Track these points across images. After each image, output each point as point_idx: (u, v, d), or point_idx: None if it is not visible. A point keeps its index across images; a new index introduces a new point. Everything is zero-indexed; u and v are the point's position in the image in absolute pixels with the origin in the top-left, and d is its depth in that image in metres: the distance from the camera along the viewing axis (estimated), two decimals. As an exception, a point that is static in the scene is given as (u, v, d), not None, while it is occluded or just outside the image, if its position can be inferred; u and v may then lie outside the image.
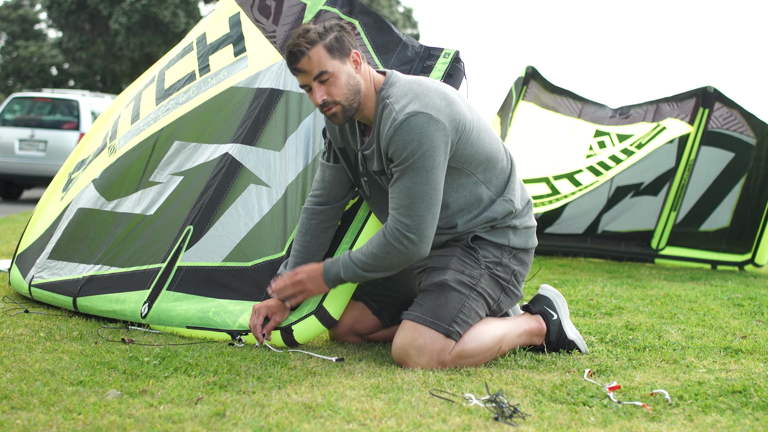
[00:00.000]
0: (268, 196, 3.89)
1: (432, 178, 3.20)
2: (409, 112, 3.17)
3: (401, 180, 3.21)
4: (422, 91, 3.26)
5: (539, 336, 3.60)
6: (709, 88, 7.55)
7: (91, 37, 33.44)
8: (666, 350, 3.70)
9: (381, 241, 3.27)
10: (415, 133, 3.16)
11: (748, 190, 7.55)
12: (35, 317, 3.98)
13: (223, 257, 3.82)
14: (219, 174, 3.97)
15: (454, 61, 3.77)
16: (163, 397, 2.73)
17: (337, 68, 3.25)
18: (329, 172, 3.60)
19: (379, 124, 3.28)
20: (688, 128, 7.53)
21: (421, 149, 3.16)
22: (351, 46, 3.29)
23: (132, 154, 4.43)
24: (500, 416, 2.61)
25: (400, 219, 3.22)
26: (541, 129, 7.87)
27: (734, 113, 7.56)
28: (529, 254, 3.58)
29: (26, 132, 13.98)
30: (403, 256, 3.26)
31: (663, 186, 7.90)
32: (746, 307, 5.06)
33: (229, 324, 3.60)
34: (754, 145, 7.51)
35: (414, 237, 3.22)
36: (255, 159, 3.96)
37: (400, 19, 38.69)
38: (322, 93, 3.26)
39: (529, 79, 8.11)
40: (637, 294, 5.54)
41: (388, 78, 3.35)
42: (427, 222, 3.23)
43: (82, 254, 4.23)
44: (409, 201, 3.20)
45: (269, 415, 2.57)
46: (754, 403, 2.85)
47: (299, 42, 3.23)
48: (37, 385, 2.79)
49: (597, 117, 7.85)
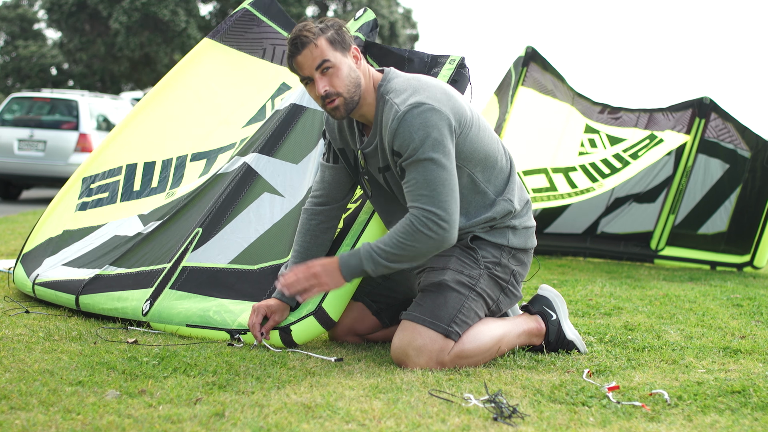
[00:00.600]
0: (281, 205, 3.93)
1: (447, 163, 3.18)
2: (412, 104, 3.18)
3: (415, 171, 3.18)
4: (422, 85, 3.27)
5: (538, 336, 3.60)
6: (705, 99, 7.58)
7: (91, 38, 33.42)
8: (665, 350, 3.70)
9: (409, 230, 3.20)
10: (419, 123, 3.15)
11: (744, 198, 7.57)
12: (34, 317, 3.98)
13: (229, 260, 3.84)
14: (234, 180, 4.03)
15: (459, 67, 3.79)
16: (162, 397, 2.73)
17: (339, 59, 3.25)
18: (329, 173, 3.60)
19: (380, 120, 3.28)
20: (685, 137, 7.55)
21: (429, 138, 3.15)
22: (351, 42, 3.30)
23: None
24: (499, 416, 2.61)
25: (426, 208, 3.18)
26: (539, 116, 7.79)
27: (729, 126, 7.60)
28: (528, 254, 3.58)
29: (25, 132, 13.96)
30: (434, 243, 3.21)
31: (661, 193, 7.93)
32: (745, 307, 5.06)
33: (228, 323, 3.60)
34: (749, 158, 7.53)
35: (444, 224, 3.18)
36: (272, 169, 4.01)
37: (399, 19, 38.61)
38: (324, 84, 3.25)
39: (528, 60, 7.95)
40: (636, 294, 5.54)
41: (387, 74, 3.35)
42: (453, 207, 3.20)
43: (97, 263, 4.28)
44: (429, 190, 3.17)
45: (268, 416, 2.57)
46: (753, 403, 2.85)
47: (303, 32, 3.24)
48: (36, 386, 2.79)
49: (586, 110, 7.81)
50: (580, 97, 7.89)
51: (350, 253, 3.29)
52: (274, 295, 3.55)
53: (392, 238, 3.23)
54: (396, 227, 3.25)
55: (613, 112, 7.78)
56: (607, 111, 7.81)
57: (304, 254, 3.60)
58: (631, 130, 7.60)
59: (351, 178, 3.61)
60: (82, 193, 4.88)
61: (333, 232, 3.65)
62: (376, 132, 3.32)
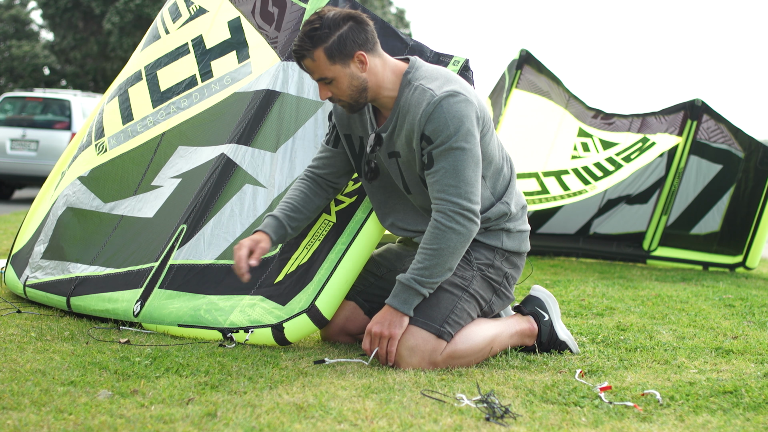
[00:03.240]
0: (263, 196, 3.90)
1: (476, 155, 3.22)
2: (449, 92, 3.20)
3: (444, 160, 3.19)
4: (451, 76, 3.32)
5: (530, 337, 3.60)
6: (697, 101, 7.59)
7: (85, 36, 33.37)
8: (657, 351, 3.71)
9: (436, 232, 3.21)
10: (455, 111, 3.18)
11: (737, 199, 7.59)
12: (26, 317, 3.97)
13: (216, 255, 3.82)
14: (214, 173, 3.98)
15: (463, 69, 3.75)
16: (154, 397, 2.72)
17: (338, 72, 3.26)
18: (326, 155, 3.63)
19: (404, 103, 3.29)
20: (677, 139, 7.57)
21: (463, 128, 3.18)
22: (356, 46, 3.25)
23: (130, 156, 4.43)
24: (491, 416, 2.61)
25: (453, 200, 3.20)
26: (532, 118, 7.78)
27: (721, 127, 7.62)
28: (521, 258, 3.58)
29: (18, 132, 13.94)
30: (463, 237, 3.22)
31: (653, 194, 7.94)
32: (737, 307, 5.07)
33: (220, 322, 3.60)
34: (743, 158, 7.55)
35: (470, 214, 3.21)
36: (250, 159, 3.97)
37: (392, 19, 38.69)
38: (326, 92, 3.31)
39: (522, 63, 7.95)
40: (629, 294, 5.55)
41: (413, 63, 3.36)
42: (478, 198, 3.23)
43: (77, 254, 4.23)
44: (457, 180, 3.19)
45: (260, 416, 2.57)
46: (745, 403, 2.86)
47: (302, 45, 3.25)
48: (28, 386, 2.78)
49: (580, 113, 7.80)
50: (575, 99, 7.87)
51: (394, 294, 3.28)
52: (258, 229, 3.53)
53: (421, 252, 3.25)
54: (423, 239, 3.25)
55: (606, 117, 7.78)
56: (600, 117, 7.81)
57: (293, 205, 3.58)
58: (624, 135, 7.60)
59: (348, 164, 3.61)
60: (56, 185, 4.84)
61: (323, 201, 3.64)
62: (396, 114, 3.32)
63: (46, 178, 13.95)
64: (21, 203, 14.27)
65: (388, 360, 3.26)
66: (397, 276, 3.28)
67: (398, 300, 3.25)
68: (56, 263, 4.26)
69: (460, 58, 3.79)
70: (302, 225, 3.63)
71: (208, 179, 3.98)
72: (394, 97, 3.34)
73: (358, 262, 3.61)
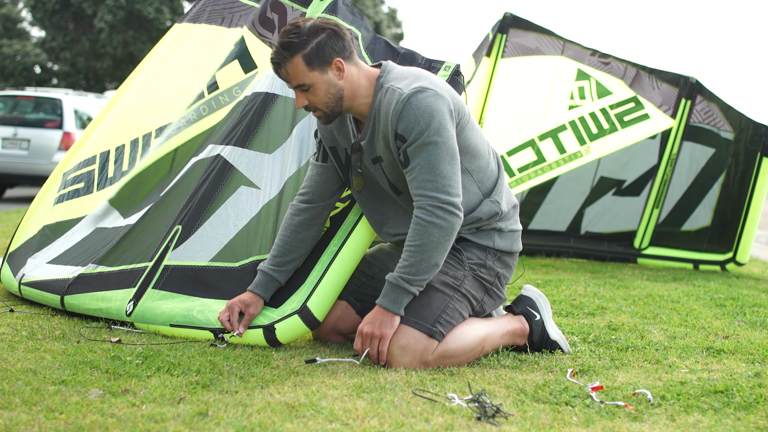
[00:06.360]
0: (258, 198, 3.91)
1: (451, 148, 3.21)
2: (416, 88, 3.21)
3: (419, 156, 3.20)
4: (422, 74, 3.33)
5: (522, 336, 3.61)
6: (692, 78, 7.54)
7: (75, 36, 33.29)
8: (648, 350, 3.72)
9: (418, 228, 3.21)
10: (424, 106, 3.18)
11: (727, 187, 7.58)
12: (18, 316, 3.96)
13: (210, 257, 3.82)
14: (210, 175, 3.99)
15: (454, 74, 3.78)
16: (145, 396, 2.72)
17: (316, 79, 3.26)
18: (317, 171, 3.61)
19: (377, 107, 3.29)
20: (671, 122, 7.55)
21: (434, 122, 3.18)
22: (333, 53, 3.27)
23: (149, 173, 4.50)
24: (483, 416, 2.61)
25: (431, 195, 3.20)
26: (523, 83, 7.65)
27: (713, 107, 7.56)
28: (513, 258, 3.59)
29: (9, 130, 13.90)
30: (445, 231, 3.21)
31: (645, 185, 7.92)
32: (728, 307, 5.09)
33: (212, 322, 3.59)
34: (732, 140, 7.52)
35: (450, 207, 3.20)
36: (247, 161, 3.99)
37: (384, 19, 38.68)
38: (303, 100, 3.32)
39: (507, 27, 7.56)
40: (620, 294, 5.56)
41: (385, 67, 3.37)
42: (457, 190, 3.22)
43: (80, 259, 4.25)
44: (434, 174, 3.19)
45: (252, 415, 2.57)
46: (736, 403, 2.87)
47: (279, 53, 3.26)
48: (18, 385, 2.77)
49: (578, 54, 7.59)
50: (570, 43, 7.58)
51: (383, 294, 3.28)
52: (249, 288, 3.56)
53: (406, 250, 3.25)
54: (407, 237, 3.26)
55: (603, 56, 7.63)
56: (598, 55, 7.65)
57: (283, 248, 3.59)
58: (618, 83, 7.49)
59: (339, 178, 3.61)
60: (60, 187, 4.86)
61: (317, 230, 3.64)
62: (372, 119, 3.32)
63: (37, 177, 13.84)
64: (12, 202, 14.23)
65: (380, 359, 3.26)
66: (386, 276, 3.29)
67: (388, 299, 3.26)
68: (60, 267, 4.28)
69: (451, 64, 3.83)
70: (298, 262, 3.63)
71: (203, 181, 3.99)
72: (369, 104, 3.34)
73: (350, 264, 3.62)
